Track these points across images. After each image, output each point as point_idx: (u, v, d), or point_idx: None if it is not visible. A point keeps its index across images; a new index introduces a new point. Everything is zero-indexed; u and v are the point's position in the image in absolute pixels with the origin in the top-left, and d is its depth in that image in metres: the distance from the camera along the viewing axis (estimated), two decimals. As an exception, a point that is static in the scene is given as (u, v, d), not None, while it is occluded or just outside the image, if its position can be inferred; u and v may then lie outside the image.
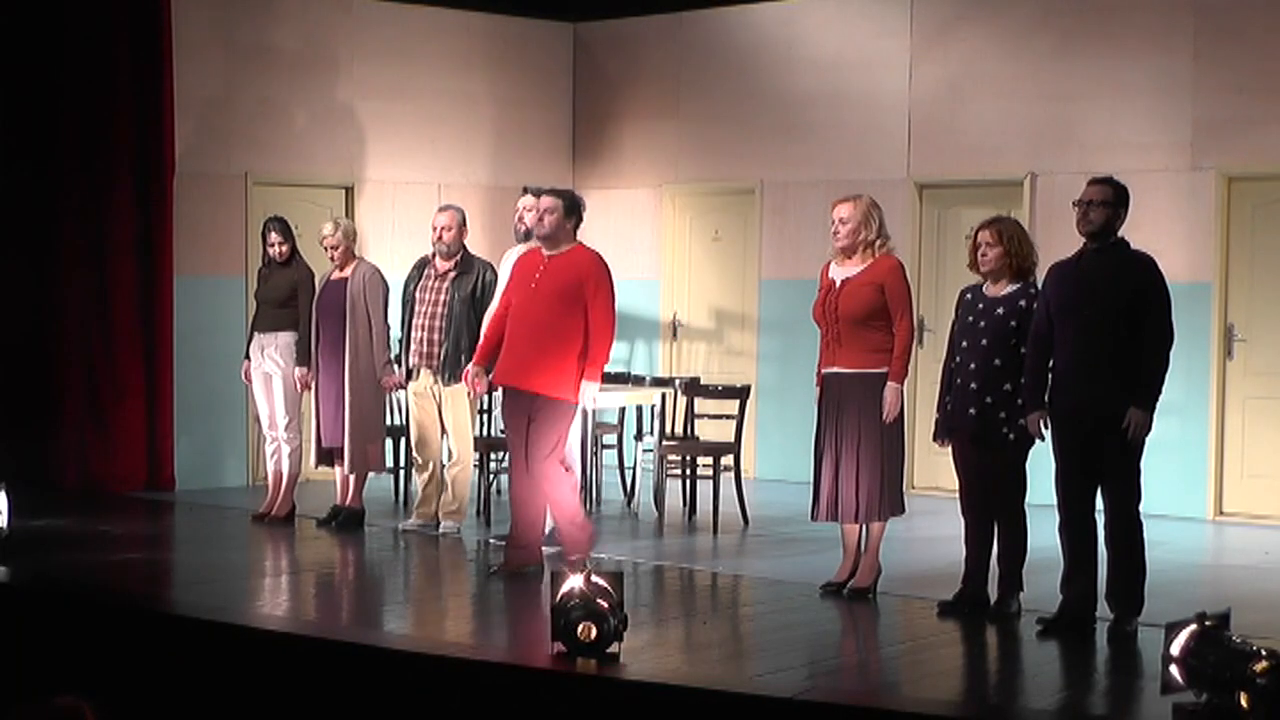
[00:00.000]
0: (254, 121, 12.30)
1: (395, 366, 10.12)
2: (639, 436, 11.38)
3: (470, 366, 9.20)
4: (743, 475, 10.72)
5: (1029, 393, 7.56)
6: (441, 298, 9.85)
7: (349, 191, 12.78)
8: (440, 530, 9.94)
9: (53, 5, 11.53)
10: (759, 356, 13.13)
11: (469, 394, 9.70)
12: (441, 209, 10.11)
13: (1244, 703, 5.52)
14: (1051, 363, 7.51)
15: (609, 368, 9.84)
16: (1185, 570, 9.05)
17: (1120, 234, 7.46)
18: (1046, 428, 7.53)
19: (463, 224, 10.00)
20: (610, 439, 11.60)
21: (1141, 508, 7.40)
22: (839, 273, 8.20)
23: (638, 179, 13.77)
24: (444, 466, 10.03)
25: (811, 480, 8.29)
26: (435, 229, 9.95)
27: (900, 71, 12.30)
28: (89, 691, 4.36)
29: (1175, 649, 5.80)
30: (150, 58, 11.66)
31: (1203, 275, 10.97)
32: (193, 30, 11.90)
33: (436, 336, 9.83)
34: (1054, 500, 7.53)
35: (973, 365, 7.73)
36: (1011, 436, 7.67)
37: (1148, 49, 11.25)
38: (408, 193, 12.92)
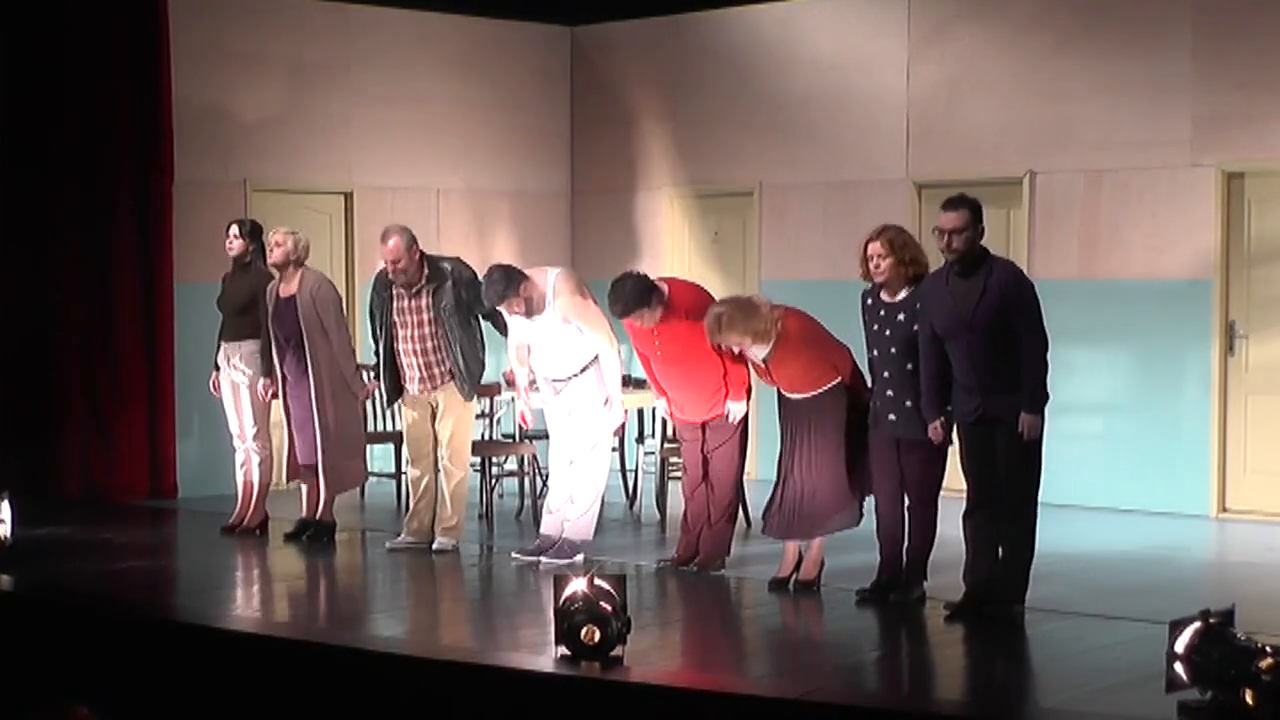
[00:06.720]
0: (252, 128, 12.29)
1: (364, 374, 9.93)
2: (640, 439, 11.36)
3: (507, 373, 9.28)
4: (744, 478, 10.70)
5: (927, 404, 7.80)
6: (424, 316, 9.39)
7: (348, 198, 12.75)
8: (434, 547, 9.56)
9: (52, 13, 11.53)
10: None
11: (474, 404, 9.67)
12: (384, 238, 9.36)
13: (1249, 700, 5.52)
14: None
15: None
16: (1189, 567, 9.05)
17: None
18: (948, 430, 7.77)
19: (411, 243, 9.32)
20: (612, 442, 11.56)
21: (1040, 496, 7.64)
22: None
23: (636, 182, 13.75)
24: (437, 476, 9.62)
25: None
26: (386, 261, 9.35)
27: (898, 71, 12.29)
28: (92, 699, 4.35)
29: (1180, 646, 5.79)
30: (149, 65, 11.65)
31: (1203, 272, 10.95)
32: (191, 37, 11.88)
33: (431, 358, 9.42)
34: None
35: (886, 373, 7.98)
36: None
37: (1146, 46, 11.22)
38: (406, 198, 12.90)
